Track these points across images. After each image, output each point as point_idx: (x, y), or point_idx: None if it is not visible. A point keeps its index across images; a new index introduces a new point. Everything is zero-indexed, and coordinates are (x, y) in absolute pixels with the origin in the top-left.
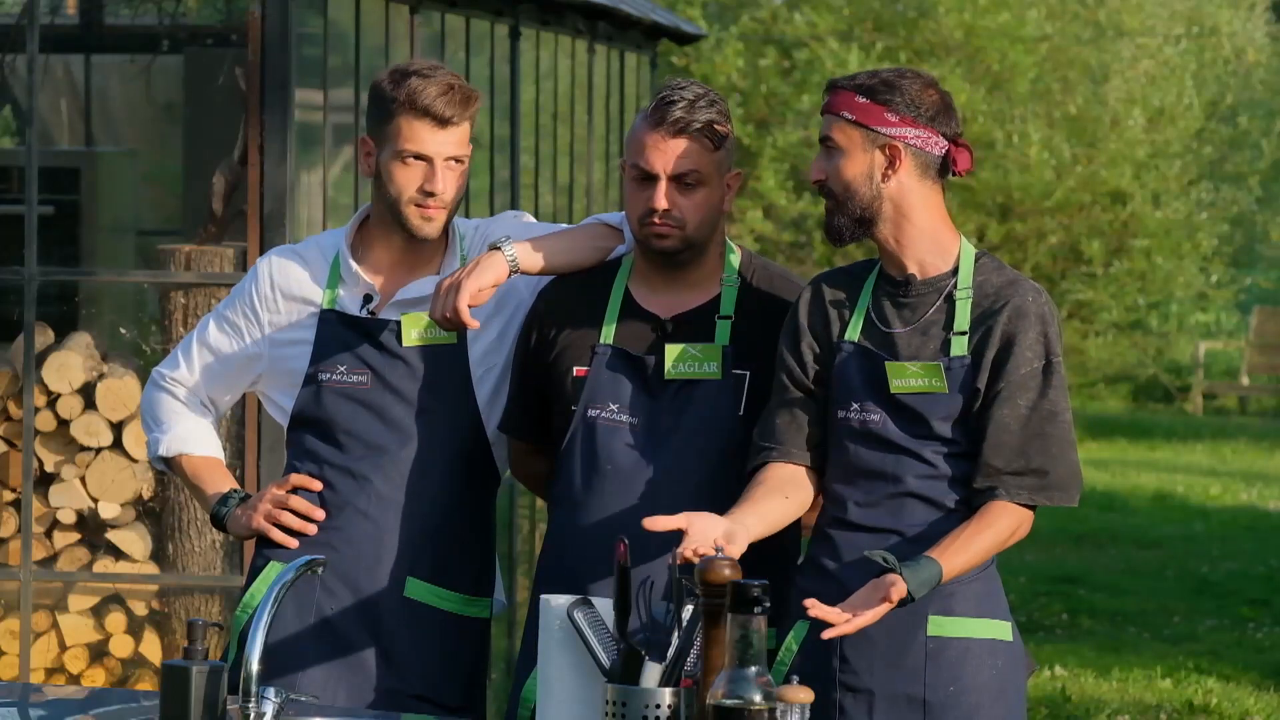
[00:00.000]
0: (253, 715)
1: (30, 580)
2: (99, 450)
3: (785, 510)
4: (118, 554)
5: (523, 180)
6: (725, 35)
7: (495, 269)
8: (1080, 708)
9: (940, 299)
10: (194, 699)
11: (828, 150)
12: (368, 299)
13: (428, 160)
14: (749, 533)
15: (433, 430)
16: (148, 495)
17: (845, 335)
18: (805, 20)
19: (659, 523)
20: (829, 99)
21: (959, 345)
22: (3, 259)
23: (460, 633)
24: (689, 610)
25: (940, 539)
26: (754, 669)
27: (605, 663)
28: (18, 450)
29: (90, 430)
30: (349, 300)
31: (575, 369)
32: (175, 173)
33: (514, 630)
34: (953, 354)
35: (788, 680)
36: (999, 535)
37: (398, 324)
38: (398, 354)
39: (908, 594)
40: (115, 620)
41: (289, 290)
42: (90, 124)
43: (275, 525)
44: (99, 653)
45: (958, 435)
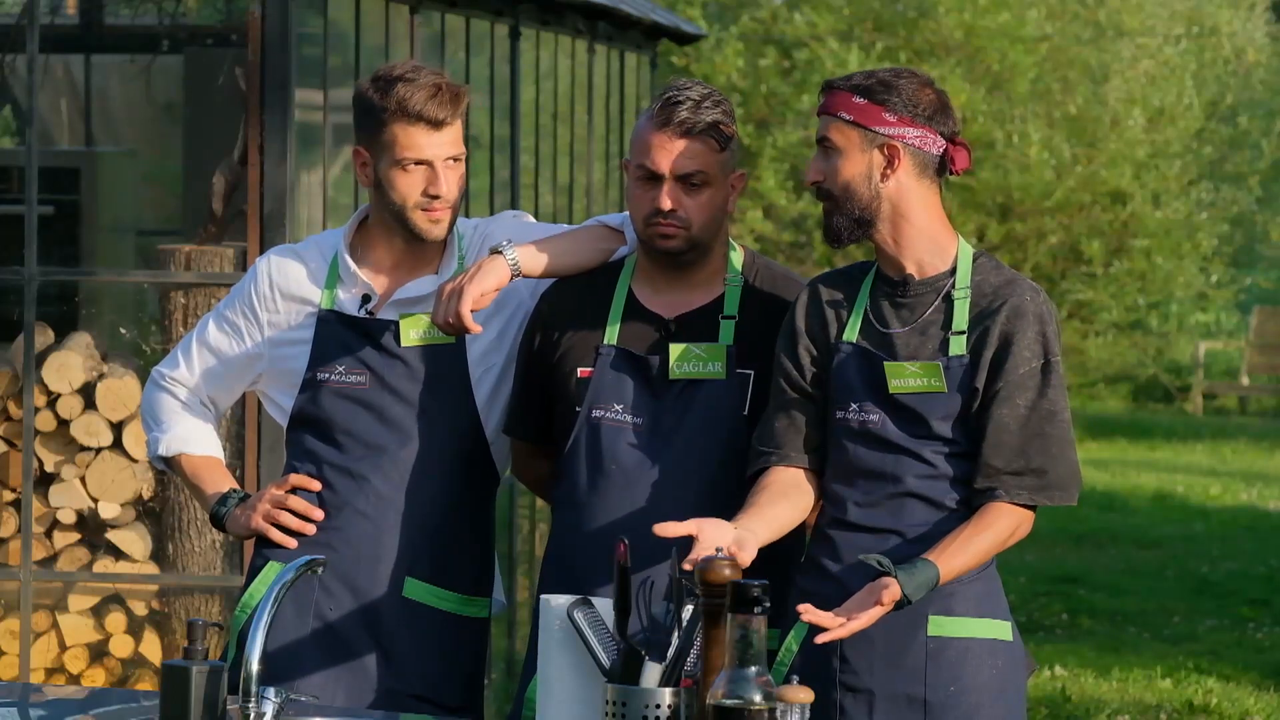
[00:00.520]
0: (253, 715)
1: (30, 580)
2: (99, 450)
3: (790, 515)
4: (118, 554)
5: (523, 180)
6: (725, 35)
7: (497, 273)
8: (1080, 708)
9: (938, 299)
10: (194, 699)
11: (825, 151)
12: (366, 299)
13: (428, 164)
14: (757, 539)
15: (432, 430)
16: (148, 495)
17: (843, 336)
18: (805, 20)
19: (669, 529)
20: (825, 99)
21: (957, 345)
22: (3, 259)
23: (459, 633)
24: (689, 610)
25: (940, 539)
26: (754, 669)
27: (605, 663)
28: (18, 450)
29: (90, 430)
30: (348, 300)
31: (579, 370)
32: (175, 173)
33: (514, 630)
34: (951, 353)
35: (788, 680)
36: (998, 536)
37: (396, 324)
38: (396, 354)
39: (903, 597)
40: (115, 620)
41: (288, 290)
42: (90, 124)
43: (274, 525)
44: (99, 653)
45: (957, 435)
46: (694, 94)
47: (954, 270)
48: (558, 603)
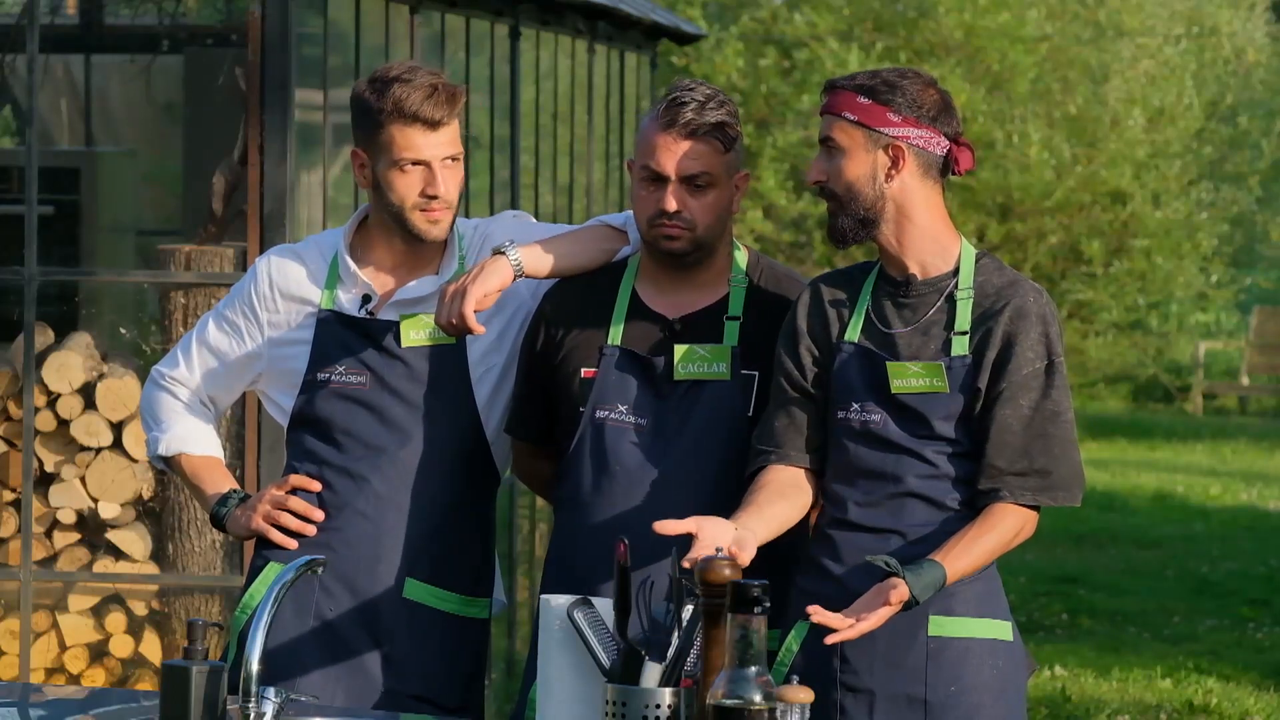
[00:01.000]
0: (253, 715)
1: (30, 580)
2: (99, 450)
3: (789, 513)
4: (118, 554)
5: (523, 180)
6: (725, 35)
7: (500, 274)
8: (1080, 708)
9: (941, 299)
10: (194, 699)
11: (828, 151)
12: (366, 299)
13: (425, 164)
14: (756, 538)
15: (432, 431)
16: (148, 495)
17: (845, 336)
18: (805, 20)
19: (669, 526)
20: (829, 99)
21: (960, 345)
22: (3, 259)
23: (460, 633)
24: (689, 610)
25: (942, 539)
26: (754, 669)
27: (605, 663)
28: (18, 450)
29: (90, 430)
30: (348, 301)
31: (583, 370)
32: (175, 173)
33: (514, 630)
34: (954, 354)
35: (788, 680)
36: (1003, 537)
37: (397, 325)
38: (397, 355)
39: (911, 598)
40: (115, 620)
41: (288, 290)
42: (90, 124)
43: (274, 526)
44: (99, 653)
45: (959, 435)
46: (699, 95)
47: (957, 271)
48: (558, 603)
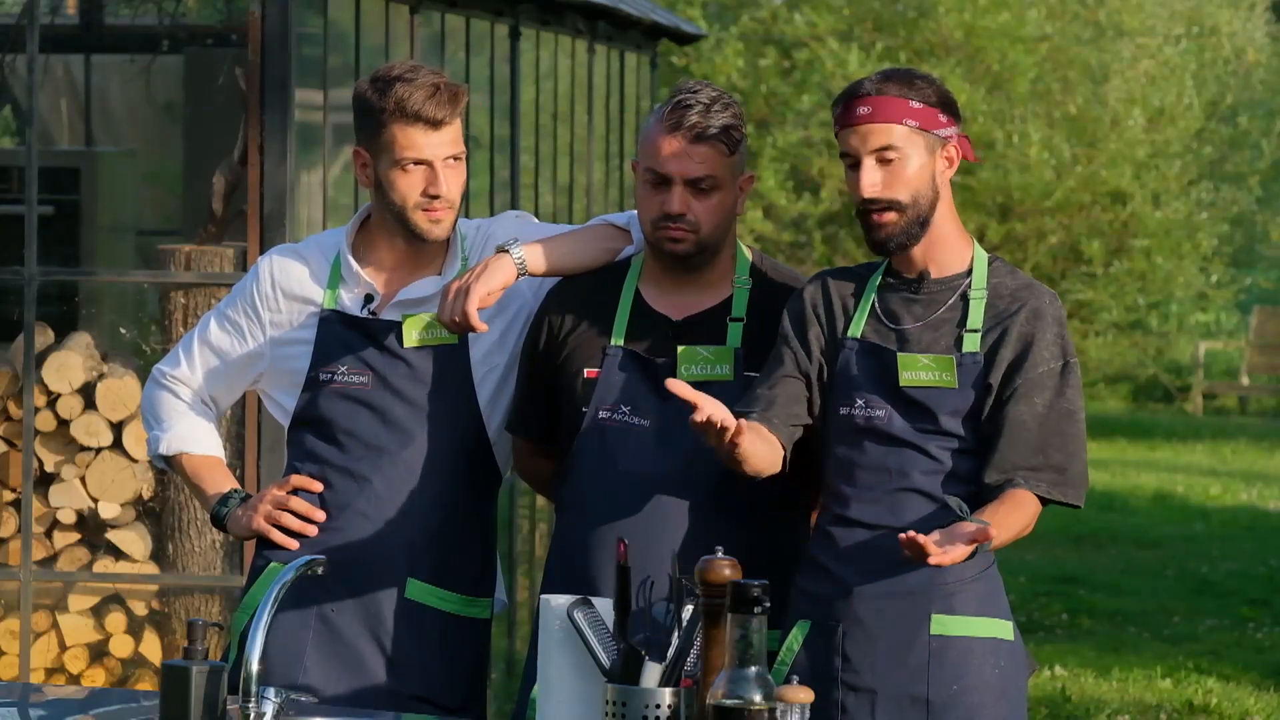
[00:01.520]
0: (253, 715)
1: (30, 580)
2: (99, 450)
3: (767, 453)
4: (118, 554)
5: (523, 180)
6: (725, 35)
7: (503, 272)
8: (1080, 708)
9: (955, 297)
10: (194, 699)
11: (883, 162)
12: (369, 299)
13: (427, 164)
14: (747, 431)
15: (434, 431)
16: (148, 495)
17: (849, 332)
18: (805, 20)
19: (679, 388)
20: (874, 108)
21: (971, 342)
22: (3, 259)
23: (461, 633)
24: (689, 610)
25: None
26: (754, 669)
27: (605, 663)
28: (18, 450)
29: (90, 430)
30: (350, 300)
31: (586, 370)
32: (175, 173)
33: (514, 630)
34: (965, 350)
35: (788, 680)
36: (1025, 519)
37: (399, 325)
38: (399, 355)
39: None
40: (115, 620)
41: (290, 289)
42: (90, 124)
43: (275, 526)
44: (99, 653)
45: (965, 431)
46: (704, 97)
47: (969, 271)
48: (558, 603)
